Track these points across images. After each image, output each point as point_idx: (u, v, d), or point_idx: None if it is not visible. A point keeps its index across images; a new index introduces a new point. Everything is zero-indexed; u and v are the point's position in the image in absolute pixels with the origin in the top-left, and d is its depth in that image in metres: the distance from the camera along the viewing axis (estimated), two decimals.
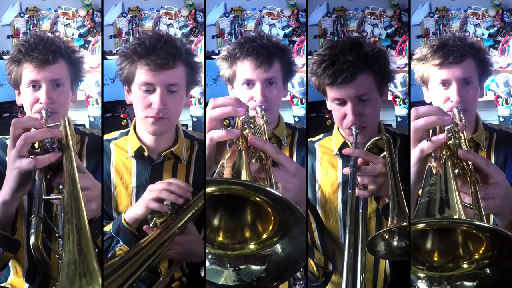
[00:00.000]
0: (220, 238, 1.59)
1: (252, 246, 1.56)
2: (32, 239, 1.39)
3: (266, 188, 1.49)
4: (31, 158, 1.55)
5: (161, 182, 1.77)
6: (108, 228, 1.84)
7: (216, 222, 1.60)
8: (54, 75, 1.88)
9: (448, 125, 1.62)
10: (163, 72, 1.82)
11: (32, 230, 1.41)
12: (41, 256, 1.39)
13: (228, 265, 1.55)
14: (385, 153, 1.77)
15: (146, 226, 1.73)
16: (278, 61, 1.93)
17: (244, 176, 1.51)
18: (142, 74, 1.83)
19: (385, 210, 1.78)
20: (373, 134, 1.89)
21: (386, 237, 1.63)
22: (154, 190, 1.74)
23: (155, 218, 1.73)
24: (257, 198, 1.50)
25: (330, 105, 1.90)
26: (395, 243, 1.64)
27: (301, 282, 1.74)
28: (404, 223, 1.55)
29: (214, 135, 1.57)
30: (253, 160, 1.62)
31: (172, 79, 1.84)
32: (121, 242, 1.83)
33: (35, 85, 1.88)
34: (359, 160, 1.73)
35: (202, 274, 1.65)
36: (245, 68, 1.91)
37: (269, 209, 1.51)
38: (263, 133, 1.73)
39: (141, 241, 1.65)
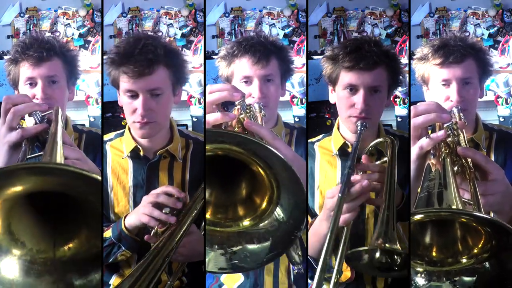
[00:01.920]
0: (208, 216, 1.61)
1: (247, 222, 1.57)
2: None
3: (259, 142, 1.48)
4: (19, 127, 1.61)
5: (151, 193, 1.77)
6: (107, 234, 1.84)
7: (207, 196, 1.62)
8: (49, 72, 1.93)
9: (446, 122, 1.62)
10: (143, 79, 1.84)
11: None
12: None
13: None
14: (386, 159, 1.77)
15: (147, 236, 1.74)
16: (275, 59, 1.95)
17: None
18: (123, 81, 1.85)
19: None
20: (373, 131, 1.90)
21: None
22: (145, 205, 1.76)
23: (156, 227, 1.74)
24: (251, 159, 1.50)
25: (337, 95, 1.91)
26: (377, 255, 1.63)
27: (300, 266, 1.73)
28: (387, 245, 1.50)
29: (210, 118, 1.58)
30: None
31: (153, 84, 1.85)
32: (123, 248, 1.83)
33: (32, 82, 1.93)
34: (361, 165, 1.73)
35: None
36: (243, 65, 1.93)
37: (263, 173, 1.51)
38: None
39: (150, 250, 1.63)
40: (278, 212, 1.53)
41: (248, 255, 1.55)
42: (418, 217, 1.41)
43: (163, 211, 1.72)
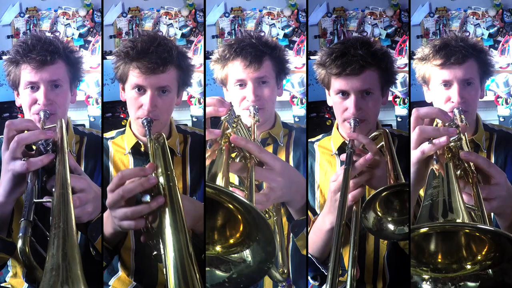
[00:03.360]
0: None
1: (218, 248, 1.52)
2: (20, 243, 1.37)
3: (233, 193, 1.43)
4: (24, 160, 1.55)
5: (113, 191, 1.55)
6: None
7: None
8: (52, 76, 1.89)
9: (447, 121, 1.63)
10: (154, 76, 1.85)
11: (20, 234, 1.39)
12: (28, 260, 1.36)
13: None
14: (382, 143, 1.79)
15: (143, 237, 1.58)
16: (268, 59, 1.95)
17: (219, 178, 1.48)
18: (134, 76, 1.85)
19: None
20: (371, 131, 1.91)
21: (380, 214, 1.67)
22: (118, 211, 1.54)
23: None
24: (226, 202, 1.46)
25: (331, 99, 1.93)
26: (390, 226, 1.67)
27: (284, 284, 1.73)
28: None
29: None
30: (237, 160, 1.63)
31: (163, 82, 1.86)
32: None
33: (33, 86, 1.89)
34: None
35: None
36: (236, 69, 1.94)
37: (238, 215, 1.47)
38: (252, 133, 1.75)
39: None
40: (247, 254, 1.48)
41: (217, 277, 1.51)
42: (422, 230, 1.42)
43: (143, 200, 1.52)
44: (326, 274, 1.87)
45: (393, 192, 1.67)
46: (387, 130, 1.86)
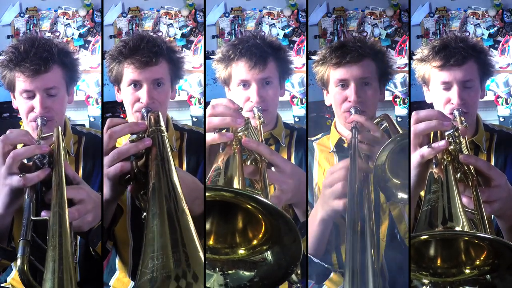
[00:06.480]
0: (211, 242, 1.55)
1: (242, 251, 1.52)
2: (19, 262, 1.37)
3: (257, 196, 1.43)
4: (20, 176, 1.53)
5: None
6: None
7: (207, 226, 1.56)
8: (48, 84, 1.86)
9: (448, 130, 1.63)
10: (148, 69, 1.89)
11: (19, 254, 1.38)
12: (27, 279, 1.36)
13: (217, 269, 1.51)
14: (385, 124, 1.83)
15: (131, 187, 1.57)
16: (273, 60, 1.95)
17: (236, 182, 1.48)
18: (129, 72, 1.89)
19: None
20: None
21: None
22: (105, 161, 1.58)
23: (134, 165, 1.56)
24: (248, 206, 1.46)
25: (331, 94, 1.95)
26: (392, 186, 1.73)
27: (298, 285, 1.74)
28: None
29: (207, 138, 1.61)
30: (248, 162, 1.63)
31: (157, 74, 1.91)
32: None
33: (29, 94, 1.86)
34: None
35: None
36: (240, 69, 1.94)
37: (260, 216, 1.47)
38: (259, 134, 1.74)
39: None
40: (268, 254, 1.49)
41: (241, 279, 1.51)
42: (422, 237, 1.43)
43: (129, 140, 1.55)
44: (325, 266, 1.89)
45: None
46: (388, 115, 1.91)
